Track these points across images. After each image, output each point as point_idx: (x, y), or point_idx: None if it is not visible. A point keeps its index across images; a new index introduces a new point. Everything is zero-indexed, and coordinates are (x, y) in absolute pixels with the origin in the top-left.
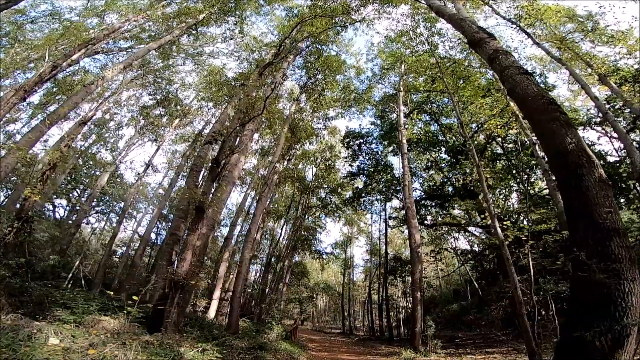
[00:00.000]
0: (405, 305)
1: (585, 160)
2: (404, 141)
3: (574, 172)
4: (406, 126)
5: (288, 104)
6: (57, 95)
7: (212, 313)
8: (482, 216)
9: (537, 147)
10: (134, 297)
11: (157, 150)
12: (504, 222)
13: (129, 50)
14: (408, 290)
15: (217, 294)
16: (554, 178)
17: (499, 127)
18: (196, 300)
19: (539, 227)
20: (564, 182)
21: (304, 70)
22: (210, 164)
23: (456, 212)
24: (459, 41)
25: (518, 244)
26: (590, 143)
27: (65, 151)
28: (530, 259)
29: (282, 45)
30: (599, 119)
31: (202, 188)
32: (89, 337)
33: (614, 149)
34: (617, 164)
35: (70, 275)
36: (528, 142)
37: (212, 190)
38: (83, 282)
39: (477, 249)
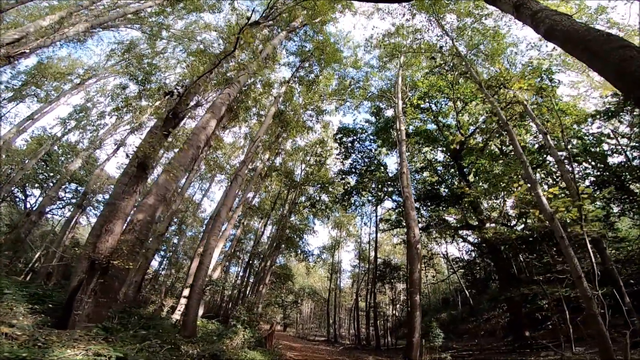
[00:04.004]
0: (393, 313)
1: None
2: (402, 128)
3: None
4: (404, 117)
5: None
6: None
7: (179, 314)
8: (489, 210)
9: (548, 136)
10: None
11: (131, 131)
12: (550, 190)
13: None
14: (396, 297)
15: (186, 292)
16: (570, 170)
17: (525, 88)
18: (163, 300)
19: (568, 216)
20: None
21: (298, 58)
22: (165, 115)
23: (450, 219)
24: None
25: (526, 243)
26: (593, 141)
27: None
28: (588, 243)
29: (273, 6)
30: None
31: (151, 140)
32: None
33: (620, 147)
34: (623, 165)
35: (29, 267)
36: (535, 134)
37: (172, 154)
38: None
39: (467, 258)
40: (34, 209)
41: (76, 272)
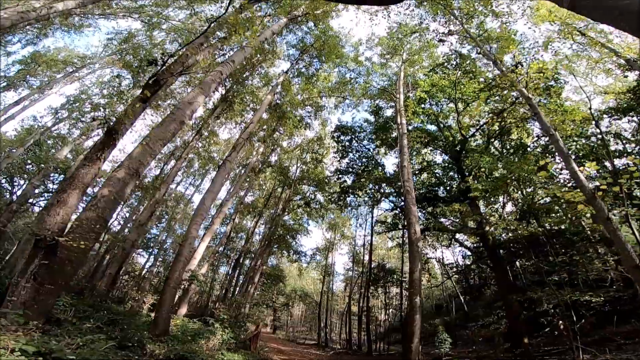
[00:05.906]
0: (385, 318)
1: None
2: (404, 122)
3: None
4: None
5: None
6: None
7: None
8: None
9: (557, 133)
10: None
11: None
12: (588, 165)
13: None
14: (389, 301)
15: None
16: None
17: (544, 69)
18: (143, 297)
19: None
20: None
21: (298, 51)
22: (146, 81)
23: (447, 222)
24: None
25: (532, 244)
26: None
27: None
28: (633, 225)
29: None
30: None
31: (127, 105)
32: None
33: (625, 152)
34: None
35: (7, 259)
36: (539, 136)
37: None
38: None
39: (463, 263)
40: (17, 197)
41: (23, 255)
